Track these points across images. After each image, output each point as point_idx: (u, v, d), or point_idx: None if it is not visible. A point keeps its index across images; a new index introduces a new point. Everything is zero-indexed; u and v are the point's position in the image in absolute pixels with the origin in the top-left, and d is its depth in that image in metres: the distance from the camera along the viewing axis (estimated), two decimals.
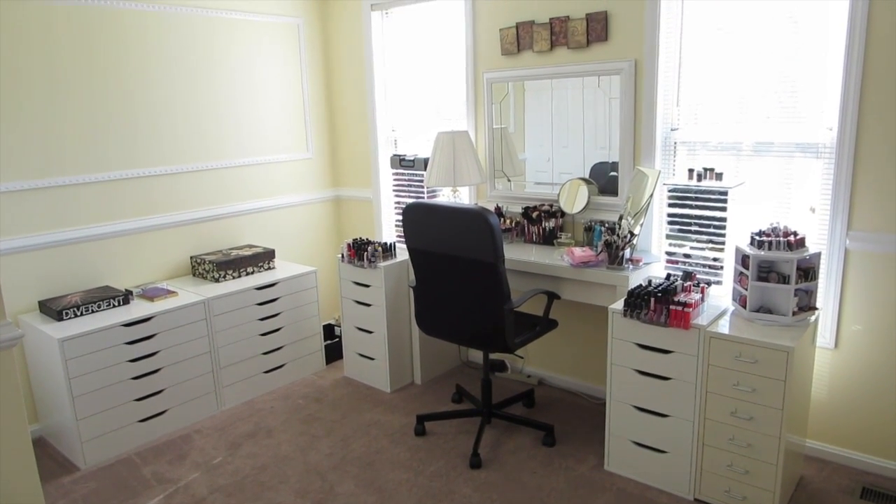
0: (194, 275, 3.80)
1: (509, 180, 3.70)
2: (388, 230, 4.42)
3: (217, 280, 3.65)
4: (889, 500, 2.58)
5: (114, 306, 3.24)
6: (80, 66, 3.24)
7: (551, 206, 3.47)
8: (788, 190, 2.82)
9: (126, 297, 3.29)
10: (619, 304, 2.69)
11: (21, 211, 3.13)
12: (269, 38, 4.07)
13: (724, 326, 2.49)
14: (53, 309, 3.08)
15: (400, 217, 4.21)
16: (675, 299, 2.52)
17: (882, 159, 2.53)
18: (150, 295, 3.37)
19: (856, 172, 2.59)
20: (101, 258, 3.44)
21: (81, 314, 3.13)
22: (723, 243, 2.81)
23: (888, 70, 2.46)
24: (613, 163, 3.26)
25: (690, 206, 2.86)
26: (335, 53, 4.41)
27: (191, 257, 3.81)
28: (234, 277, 3.71)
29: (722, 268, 2.84)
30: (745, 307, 2.55)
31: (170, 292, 3.43)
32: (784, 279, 2.46)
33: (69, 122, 3.24)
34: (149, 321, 3.17)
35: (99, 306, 3.19)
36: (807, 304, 2.51)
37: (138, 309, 3.22)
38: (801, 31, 2.69)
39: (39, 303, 3.20)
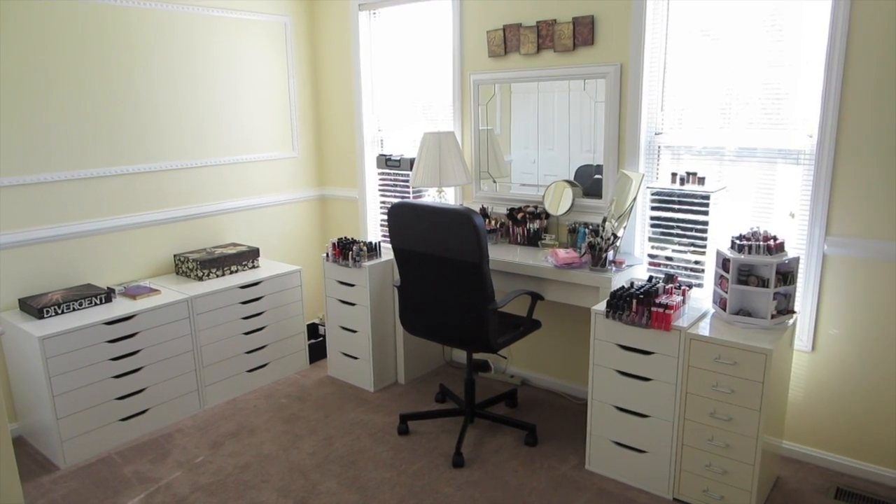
0: (178, 273, 3.78)
1: (495, 181, 3.72)
2: (374, 230, 4.42)
3: (200, 278, 3.63)
4: (862, 501, 2.63)
5: (95, 304, 3.22)
6: (63, 63, 3.21)
7: (536, 207, 3.50)
8: (769, 195, 2.87)
9: (108, 296, 3.27)
10: (601, 306, 2.71)
11: (1, 207, 3.09)
12: (256, 36, 4.06)
13: (704, 328, 2.53)
14: (34, 307, 3.05)
15: (385, 217, 4.22)
16: (657, 301, 2.55)
17: (860, 167, 2.58)
18: (133, 293, 3.35)
19: (834, 179, 2.64)
20: (83, 256, 3.41)
21: (62, 312, 3.11)
22: (704, 247, 2.84)
23: (867, 79, 2.51)
24: (598, 166, 3.29)
25: (673, 210, 2.89)
26: (322, 53, 4.40)
27: (174, 255, 3.79)
28: (217, 276, 3.69)
29: (703, 271, 2.87)
30: (724, 310, 2.58)
31: (152, 290, 3.41)
32: (763, 283, 2.50)
33: (52, 119, 3.21)
34: (131, 319, 3.15)
35: (80, 304, 3.17)
36: (785, 308, 2.56)
37: (120, 307, 3.20)
38: (784, 39, 2.73)
39: (19, 300, 3.17)
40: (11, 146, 3.09)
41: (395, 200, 3.89)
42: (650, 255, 3.02)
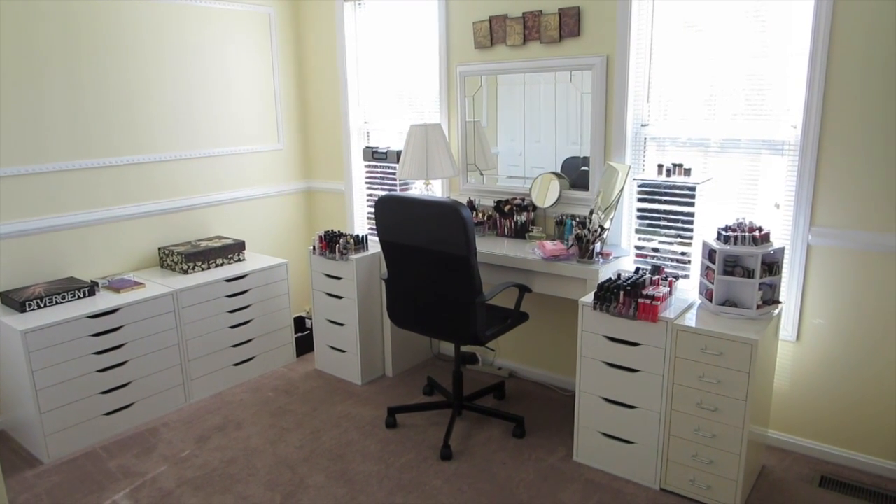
0: (162, 266, 3.74)
1: (482, 174, 3.71)
2: (360, 222, 4.40)
3: (185, 272, 3.60)
4: (846, 489, 2.66)
5: (79, 298, 3.18)
6: (52, 54, 3.16)
7: (523, 199, 3.49)
8: (754, 186, 2.88)
9: (91, 289, 3.23)
10: (589, 298, 2.72)
11: None
12: (241, 27, 4.02)
13: (690, 319, 2.54)
14: (16, 300, 3.01)
15: (372, 209, 4.20)
16: (644, 293, 2.55)
17: (844, 157, 2.60)
18: (117, 286, 3.31)
19: (819, 170, 2.66)
20: (65, 248, 3.37)
21: (45, 305, 3.07)
22: (690, 238, 2.85)
23: (851, 70, 2.52)
24: (585, 157, 3.29)
25: (659, 201, 2.90)
26: (307, 44, 4.36)
27: (159, 248, 3.75)
28: (203, 269, 3.66)
29: (689, 262, 2.88)
30: (711, 301, 2.60)
31: (137, 284, 3.37)
32: (749, 273, 2.51)
33: (38, 110, 3.15)
34: (115, 313, 3.12)
35: (63, 297, 3.13)
36: (770, 298, 2.57)
37: (104, 300, 3.17)
38: (767, 30, 2.74)
39: (1, 293, 3.12)
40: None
41: (382, 193, 3.89)
42: (637, 247, 3.03)
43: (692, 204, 2.81)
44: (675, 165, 2.89)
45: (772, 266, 2.53)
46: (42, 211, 3.25)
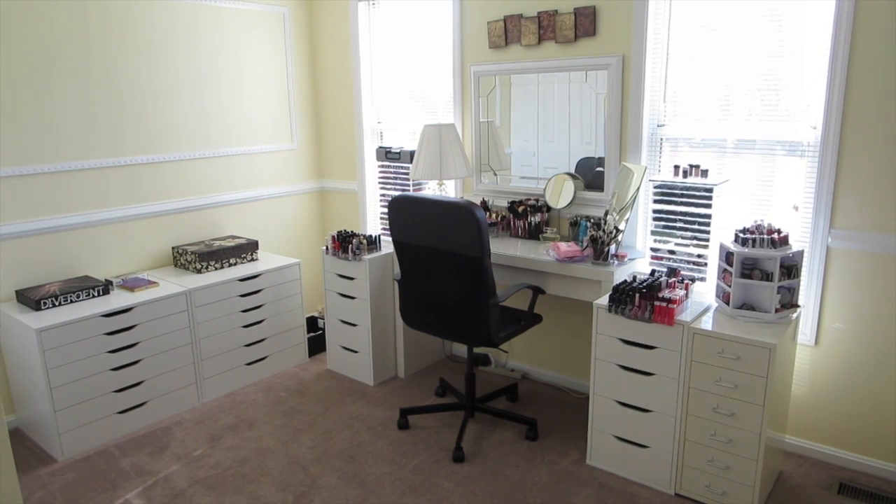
0: (176, 265, 3.75)
1: (495, 174, 3.69)
2: (373, 223, 4.39)
3: (199, 271, 3.61)
4: (866, 496, 2.62)
5: (93, 296, 3.19)
6: (66, 55, 3.18)
7: (537, 200, 3.47)
8: (772, 187, 2.84)
9: (106, 288, 3.24)
10: (603, 300, 2.69)
11: (1, 198, 3.07)
12: (255, 26, 4.02)
13: (707, 323, 2.50)
14: (31, 298, 3.03)
15: (385, 210, 4.19)
16: (660, 295, 2.52)
17: (865, 159, 2.55)
18: (131, 285, 3.32)
19: (839, 171, 2.61)
20: (80, 247, 3.38)
21: (60, 304, 3.08)
22: (707, 240, 2.82)
23: (873, 70, 2.48)
24: (599, 158, 3.26)
25: (676, 203, 2.86)
26: (321, 44, 4.36)
27: (172, 248, 3.76)
28: (216, 269, 3.67)
29: (706, 264, 2.85)
30: (728, 304, 2.56)
31: (150, 283, 3.38)
32: (767, 276, 2.47)
33: (52, 110, 3.17)
34: (129, 312, 3.13)
35: (78, 296, 3.14)
36: (789, 302, 2.53)
37: (118, 299, 3.18)
38: (783, 30, 2.70)
39: (17, 292, 3.14)
40: (9, 138, 3.05)
41: (395, 193, 3.88)
42: (652, 249, 3.00)
43: (709, 206, 2.77)
44: (691, 166, 2.86)
45: (790, 269, 2.49)
46: (56, 210, 3.27)
